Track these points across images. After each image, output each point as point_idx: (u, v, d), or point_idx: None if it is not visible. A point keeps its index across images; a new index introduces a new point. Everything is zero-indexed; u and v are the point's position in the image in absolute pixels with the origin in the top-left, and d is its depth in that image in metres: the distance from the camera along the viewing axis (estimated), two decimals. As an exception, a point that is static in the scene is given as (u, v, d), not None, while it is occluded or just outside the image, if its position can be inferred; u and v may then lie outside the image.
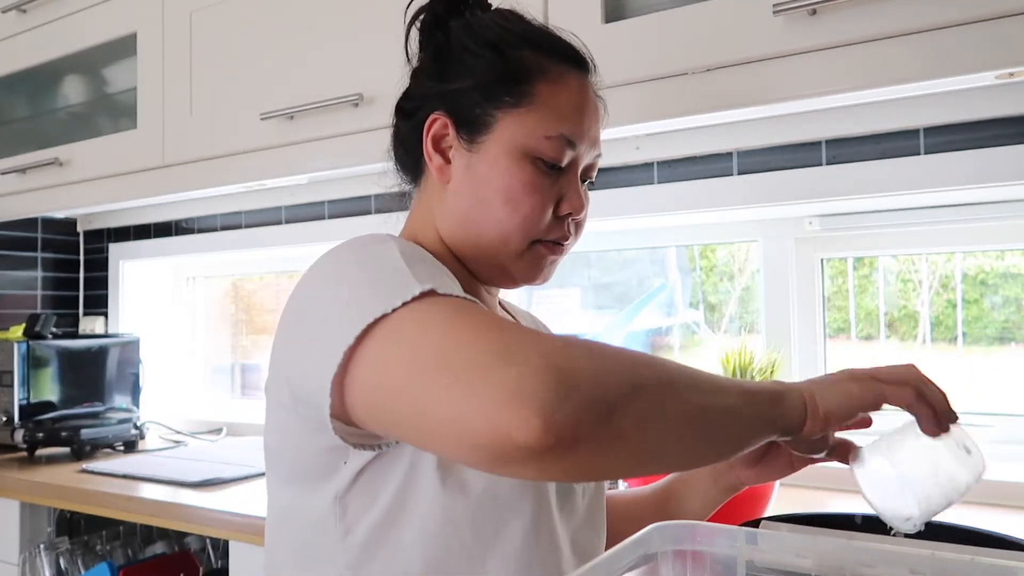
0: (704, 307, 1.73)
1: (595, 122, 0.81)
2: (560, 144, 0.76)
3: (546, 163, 0.77)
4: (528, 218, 0.76)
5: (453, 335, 0.56)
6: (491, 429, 0.51)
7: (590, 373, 0.53)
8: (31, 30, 1.94)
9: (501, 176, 0.76)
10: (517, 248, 0.78)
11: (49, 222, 2.38)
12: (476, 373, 0.53)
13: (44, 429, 1.83)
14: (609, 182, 1.56)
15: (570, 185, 0.79)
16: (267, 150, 1.53)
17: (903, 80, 0.96)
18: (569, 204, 0.79)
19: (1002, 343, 1.44)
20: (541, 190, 0.76)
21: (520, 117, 0.76)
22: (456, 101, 0.78)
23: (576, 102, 0.78)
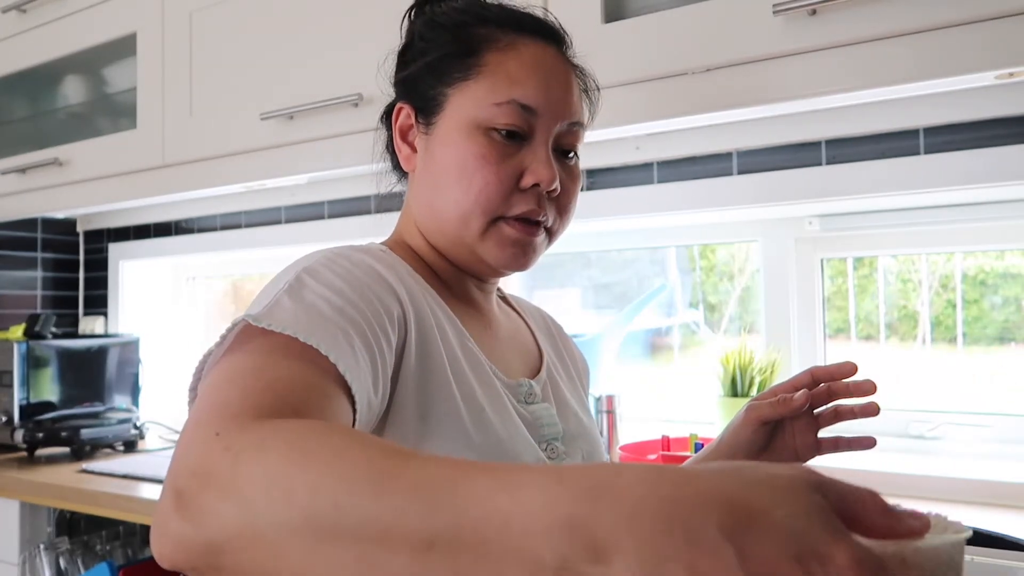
0: (704, 307, 1.73)
1: (563, 89, 0.76)
2: (512, 110, 0.72)
3: (501, 132, 0.73)
4: (482, 192, 0.72)
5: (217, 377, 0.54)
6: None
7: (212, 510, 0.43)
8: (31, 30, 1.94)
9: (454, 152, 0.73)
10: (477, 227, 0.74)
11: (49, 222, 2.37)
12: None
13: (44, 429, 1.82)
14: (609, 182, 1.56)
15: (534, 154, 0.74)
16: (267, 150, 1.53)
17: (903, 80, 0.96)
18: (533, 174, 0.73)
19: (1002, 343, 1.44)
20: (495, 160, 0.72)
21: (469, 90, 0.74)
22: (413, 87, 0.77)
23: (531, 66, 0.74)
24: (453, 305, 0.77)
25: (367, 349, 0.60)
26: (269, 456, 0.43)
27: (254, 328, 0.57)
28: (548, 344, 0.90)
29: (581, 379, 0.93)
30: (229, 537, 0.42)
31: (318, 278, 0.63)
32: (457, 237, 0.75)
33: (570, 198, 0.78)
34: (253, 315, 0.58)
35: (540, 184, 0.73)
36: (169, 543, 0.44)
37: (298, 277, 0.63)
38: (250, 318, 0.57)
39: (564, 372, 0.89)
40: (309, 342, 0.55)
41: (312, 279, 0.63)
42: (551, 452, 0.76)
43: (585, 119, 0.80)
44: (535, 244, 0.76)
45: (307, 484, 0.40)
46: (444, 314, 0.74)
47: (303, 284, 0.62)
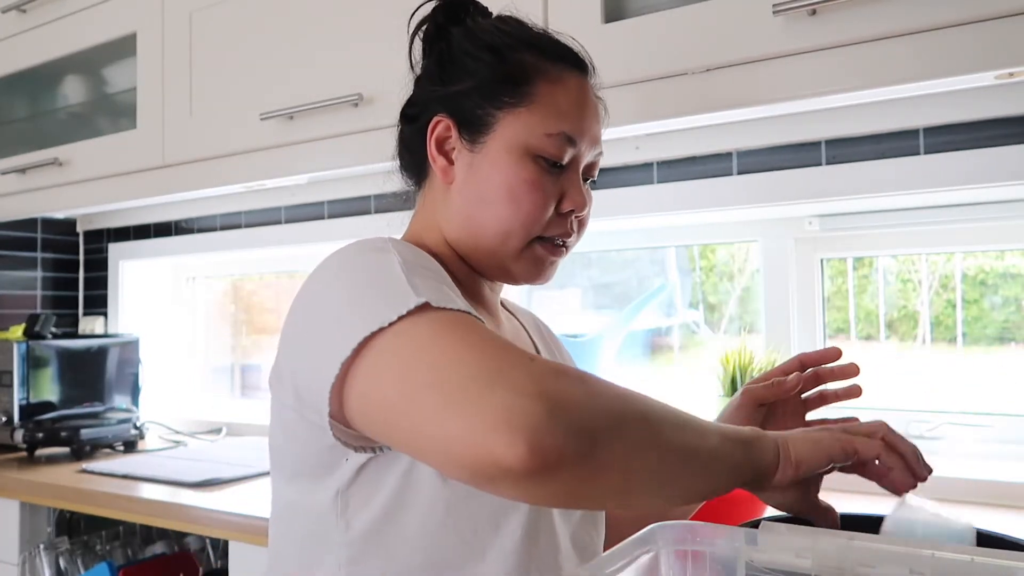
0: (704, 307, 1.73)
1: (595, 121, 0.82)
2: (561, 142, 0.78)
3: (547, 161, 0.78)
4: (530, 214, 0.78)
5: (446, 352, 0.58)
6: (477, 451, 0.53)
7: (578, 403, 0.55)
8: (31, 30, 1.94)
9: (504, 173, 0.78)
10: (517, 245, 0.79)
11: (49, 222, 2.38)
12: (466, 394, 0.54)
13: (44, 429, 1.82)
14: (609, 182, 1.56)
15: (572, 183, 0.80)
16: (267, 150, 1.53)
17: (903, 80, 0.96)
18: (571, 201, 0.80)
19: (1002, 343, 1.44)
20: (543, 187, 0.78)
21: (521, 116, 0.78)
22: (458, 103, 0.80)
23: (575, 101, 0.80)
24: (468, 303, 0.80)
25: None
26: (589, 378, 0.58)
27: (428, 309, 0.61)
28: (543, 347, 0.93)
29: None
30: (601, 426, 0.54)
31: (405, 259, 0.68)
32: (493, 251, 0.80)
33: (588, 218, 0.85)
34: (432, 299, 0.62)
35: (575, 209, 0.80)
36: (549, 436, 0.52)
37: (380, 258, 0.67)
38: (433, 300, 0.62)
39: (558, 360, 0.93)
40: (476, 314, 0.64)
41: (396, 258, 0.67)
42: None
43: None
44: (557, 263, 0.84)
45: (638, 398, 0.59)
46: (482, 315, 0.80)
47: (411, 268, 0.66)
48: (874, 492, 0.70)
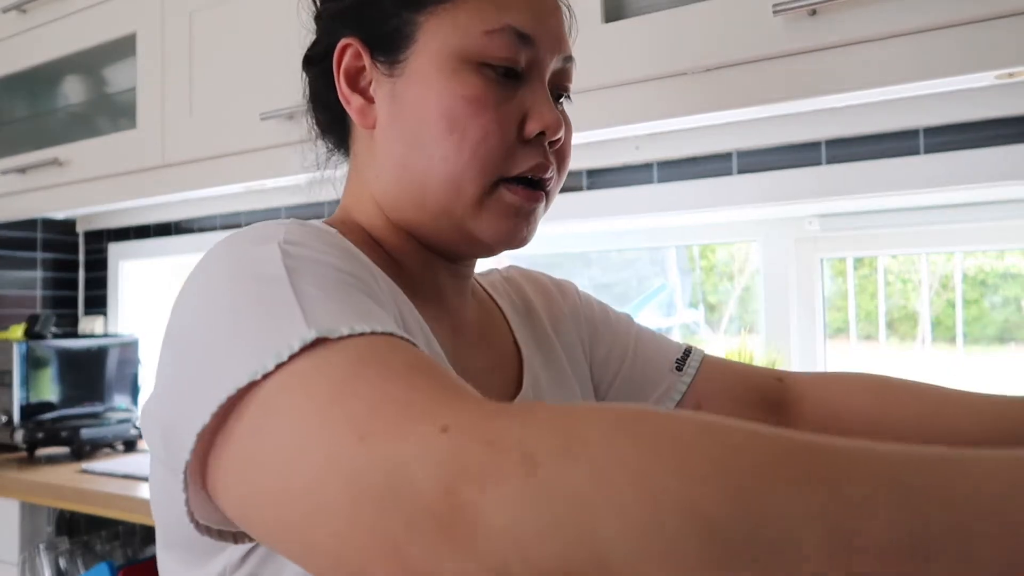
0: (704, 307, 1.73)
1: (558, 16, 0.63)
2: (509, 39, 0.58)
3: (496, 68, 0.58)
4: (481, 144, 0.57)
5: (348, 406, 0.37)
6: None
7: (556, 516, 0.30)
8: (31, 30, 1.94)
9: (437, 96, 0.57)
10: (474, 193, 0.58)
11: (49, 222, 2.38)
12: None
13: (44, 429, 1.83)
14: (609, 182, 1.56)
15: (536, 94, 0.59)
16: (267, 150, 1.53)
17: (903, 80, 0.96)
18: (539, 119, 0.59)
19: (1002, 343, 1.44)
20: (493, 104, 0.57)
21: (449, 15, 0.58)
22: (366, 17, 0.61)
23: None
24: (418, 305, 0.60)
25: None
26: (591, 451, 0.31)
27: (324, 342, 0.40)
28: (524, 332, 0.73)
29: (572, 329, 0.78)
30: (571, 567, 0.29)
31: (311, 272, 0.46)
32: (442, 209, 0.59)
33: (568, 150, 0.64)
34: (326, 328, 0.40)
35: (547, 132, 0.59)
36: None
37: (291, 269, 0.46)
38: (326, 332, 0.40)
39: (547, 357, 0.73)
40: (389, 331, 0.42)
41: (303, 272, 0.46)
42: None
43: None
44: (537, 213, 0.62)
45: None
46: (412, 317, 0.58)
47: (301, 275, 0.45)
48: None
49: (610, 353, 0.79)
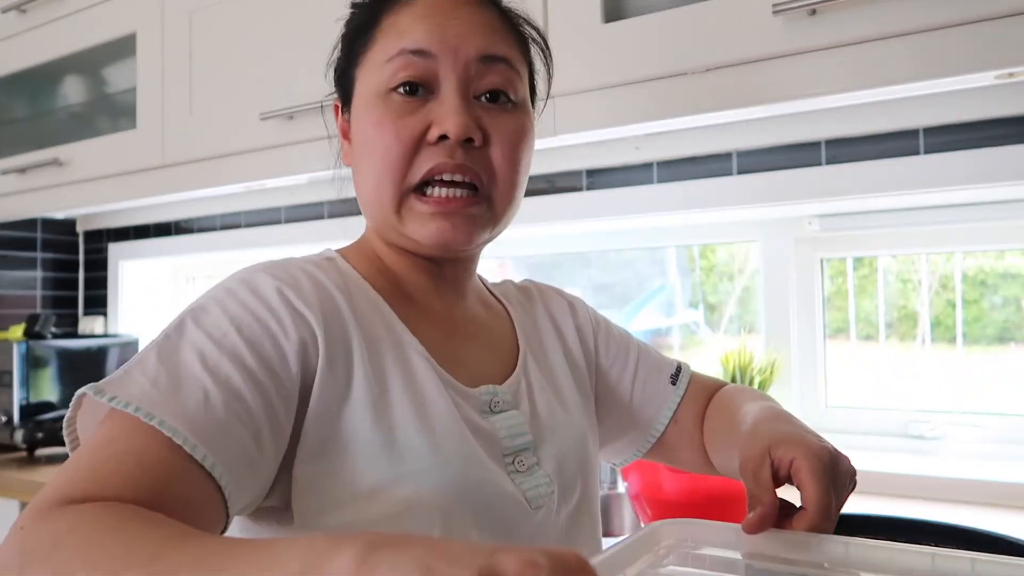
0: (704, 307, 1.73)
1: (467, 24, 0.67)
2: (403, 60, 0.66)
3: (399, 92, 0.66)
4: (385, 158, 0.65)
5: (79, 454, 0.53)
6: None
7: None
8: (31, 30, 1.94)
9: (360, 129, 0.69)
10: (391, 202, 0.67)
11: (49, 222, 2.38)
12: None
13: (44, 429, 1.82)
14: (609, 182, 1.56)
15: (440, 103, 0.66)
16: (267, 150, 1.53)
17: (903, 80, 0.96)
18: (438, 124, 0.65)
19: (1002, 343, 1.44)
20: (392, 121, 0.65)
21: (367, 60, 0.69)
22: (337, 79, 0.75)
23: (423, 14, 0.67)
24: (410, 311, 0.71)
25: (243, 407, 0.56)
26: (57, 555, 0.44)
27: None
28: (528, 329, 0.82)
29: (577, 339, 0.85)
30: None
31: (203, 323, 0.60)
32: (383, 220, 0.69)
33: (508, 149, 0.68)
34: (97, 386, 0.55)
35: (448, 135, 0.64)
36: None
37: (181, 324, 0.60)
38: (91, 390, 0.55)
39: (547, 355, 0.81)
40: (151, 422, 0.52)
41: (195, 326, 0.60)
42: (518, 465, 0.69)
43: (519, 58, 0.71)
44: (465, 215, 0.67)
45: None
46: (386, 328, 0.67)
47: (182, 334, 0.59)
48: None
49: (614, 366, 0.87)
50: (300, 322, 0.62)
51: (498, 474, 0.67)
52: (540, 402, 0.75)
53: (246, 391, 0.57)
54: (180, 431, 0.52)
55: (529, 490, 0.69)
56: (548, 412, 0.75)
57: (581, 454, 0.76)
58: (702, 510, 1.02)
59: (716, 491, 1.02)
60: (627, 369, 0.87)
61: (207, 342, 0.58)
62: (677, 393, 0.86)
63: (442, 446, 0.64)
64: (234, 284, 0.63)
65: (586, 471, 0.76)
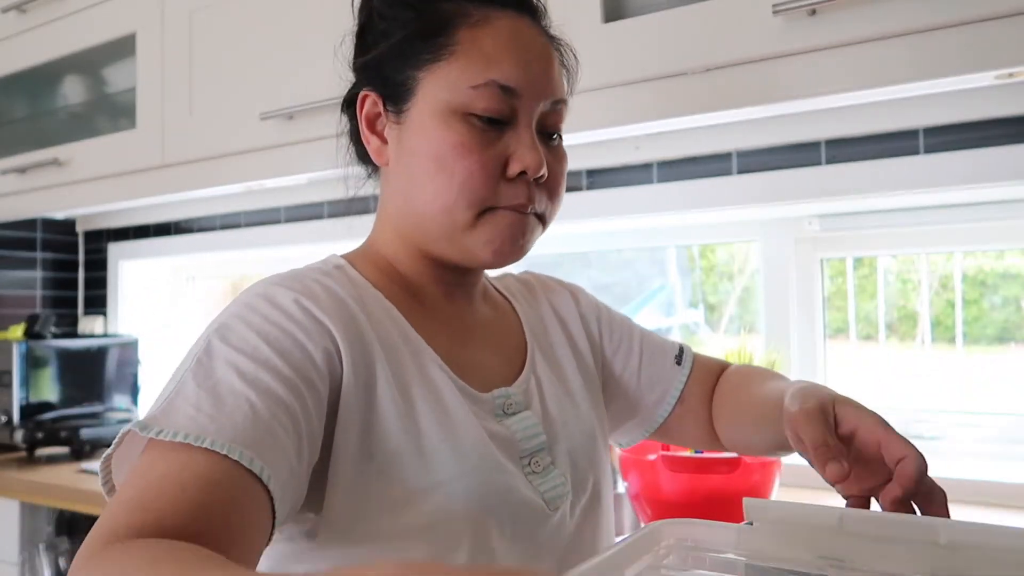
0: (704, 307, 1.73)
1: (544, 64, 0.70)
2: (492, 92, 0.67)
3: (481, 118, 0.67)
4: (465, 184, 0.67)
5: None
6: None
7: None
8: (31, 30, 1.94)
9: (430, 142, 0.68)
10: (466, 220, 0.68)
11: (48, 222, 2.37)
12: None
13: (43, 429, 1.82)
14: (609, 182, 1.56)
15: (519, 139, 0.68)
16: (267, 150, 1.53)
17: (903, 80, 0.96)
18: (519, 161, 0.68)
19: (1002, 343, 1.44)
20: (477, 149, 0.67)
21: (442, 72, 0.68)
22: (379, 72, 0.72)
23: (508, 43, 0.68)
24: (421, 318, 0.72)
25: (286, 414, 0.57)
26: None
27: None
28: (534, 324, 0.83)
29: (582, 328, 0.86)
30: None
31: (230, 340, 0.60)
32: (441, 231, 0.69)
33: (558, 181, 0.73)
34: (143, 422, 0.55)
35: (528, 171, 0.68)
36: None
37: (209, 345, 0.60)
38: (138, 427, 0.54)
39: (554, 349, 0.82)
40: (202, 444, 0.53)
41: (223, 344, 0.60)
42: (534, 466, 0.70)
43: (566, 95, 0.74)
44: (528, 229, 0.71)
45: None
46: (402, 337, 0.69)
47: (212, 355, 0.59)
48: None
49: (618, 351, 0.88)
50: (322, 331, 0.63)
51: (518, 478, 0.68)
52: (550, 399, 0.76)
53: (287, 398, 0.58)
54: (227, 444, 0.53)
55: (547, 491, 0.70)
56: (559, 409, 0.76)
57: (591, 447, 0.78)
58: (702, 510, 1.02)
59: (716, 491, 1.02)
60: (632, 353, 0.88)
61: (239, 357, 0.59)
62: (683, 373, 0.87)
63: (467, 454, 0.65)
64: (252, 299, 0.64)
65: (596, 463, 0.77)
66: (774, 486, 1.05)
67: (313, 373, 0.61)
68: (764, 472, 1.04)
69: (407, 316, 0.71)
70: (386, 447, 0.63)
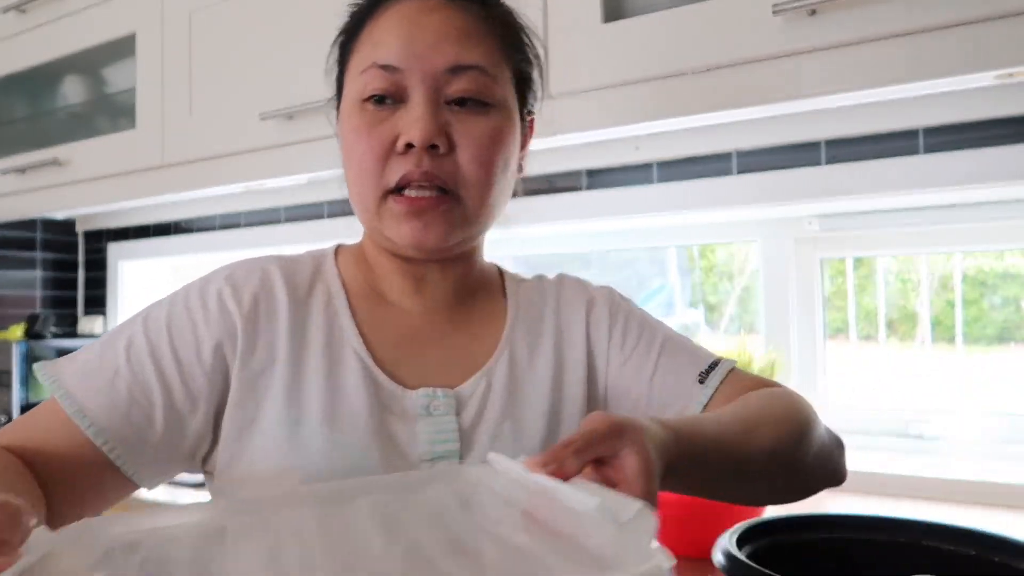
0: (704, 307, 1.73)
1: (435, 35, 0.69)
2: (374, 73, 0.69)
3: (371, 101, 0.70)
4: (362, 168, 0.70)
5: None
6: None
7: None
8: (31, 30, 1.94)
9: (342, 134, 0.74)
10: (371, 204, 0.71)
11: (48, 222, 2.37)
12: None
13: (43, 429, 1.82)
14: (609, 182, 1.56)
15: (408, 113, 0.69)
16: (267, 150, 1.53)
17: (903, 80, 0.96)
18: (404, 134, 0.68)
19: (1001, 343, 1.44)
20: (367, 132, 0.69)
21: (350, 67, 0.74)
22: (336, 77, 0.79)
23: (393, 25, 0.70)
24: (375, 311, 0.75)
25: (143, 393, 0.68)
26: None
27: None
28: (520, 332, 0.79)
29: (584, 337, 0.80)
30: None
31: (150, 315, 0.72)
32: (365, 220, 0.74)
33: (477, 152, 0.69)
34: (52, 363, 0.69)
35: (413, 143, 0.67)
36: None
37: (134, 316, 0.73)
38: (46, 366, 0.69)
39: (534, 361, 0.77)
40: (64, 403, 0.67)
41: (141, 319, 0.72)
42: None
43: (495, 61, 0.71)
44: (436, 213, 0.69)
45: None
46: (329, 327, 0.73)
47: (132, 323, 0.72)
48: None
49: (628, 363, 0.79)
50: (224, 321, 0.71)
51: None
52: (498, 410, 0.73)
53: (152, 378, 0.69)
54: (81, 411, 0.67)
55: None
56: (497, 423, 0.72)
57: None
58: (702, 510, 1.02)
59: (716, 491, 1.02)
60: (644, 366, 0.79)
61: (140, 334, 0.71)
62: (704, 394, 0.76)
63: (339, 443, 0.68)
64: (192, 283, 0.75)
65: None
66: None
67: (195, 360, 0.70)
68: (764, 472, 1.04)
69: (359, 307, 0.75)
70: (268, 421, 0.69)
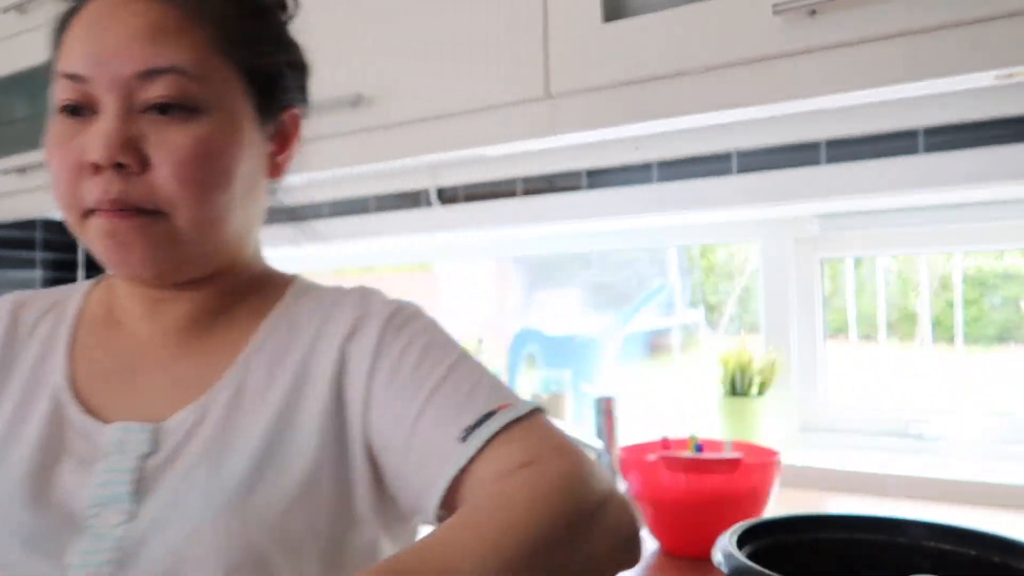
0: (704, 307, 1.74)
1: (124, 37, 0.61)
2: (64, 84, 0.63)
3: (68, 112, 0.63)
4: (57, 180, 0.63)
5: None
6: None
7: None
8: (31, 30, 1.93)
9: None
10: (74, 225, 0.65)
11: (49, 222, 2.37)
12: None
13: (43, 429, 1.82)
14: (608, 182, 1.56)
15: (93, 127, 0.61)
16: (267, 150, 1.53)
17: (903, 80, 0.96)
18: (88, 152, 0.61)
19: (1001, 343, 1.44)
20: (59, 146, 0.63)
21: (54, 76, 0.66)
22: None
23: (82, 29, 0.63)
24: (98, 338, 0.71)
25: None
26: None
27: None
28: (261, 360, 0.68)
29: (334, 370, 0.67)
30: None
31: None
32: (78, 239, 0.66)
33: (177, 166, 0.61)
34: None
35: (96, 160, 0.60)
36: None
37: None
38: None
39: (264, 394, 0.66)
40: None
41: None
42: (98, 521, 0.60)
43: (201, 57, 0.63)
44: (135, 235, 0.62)
45: None
46: (39, 360, 0.70)
47: None
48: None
49: (388, 409, 0.65)
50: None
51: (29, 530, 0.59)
52: (192, 450, 0.63)
53: None
54: None
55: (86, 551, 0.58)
56: (192, 465, 0.62)
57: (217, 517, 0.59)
58: (702, 510, 1.02)
59: (716, 491, 1.02)
60: (408, 410, 0.63)
61: None
62: (463, 454, 0.59)
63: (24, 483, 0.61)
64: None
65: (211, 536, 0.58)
66: (774, 486, 1.05)
67: None
68: (764, 472, 1.04)
69: (86, 336, 0.72)
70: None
